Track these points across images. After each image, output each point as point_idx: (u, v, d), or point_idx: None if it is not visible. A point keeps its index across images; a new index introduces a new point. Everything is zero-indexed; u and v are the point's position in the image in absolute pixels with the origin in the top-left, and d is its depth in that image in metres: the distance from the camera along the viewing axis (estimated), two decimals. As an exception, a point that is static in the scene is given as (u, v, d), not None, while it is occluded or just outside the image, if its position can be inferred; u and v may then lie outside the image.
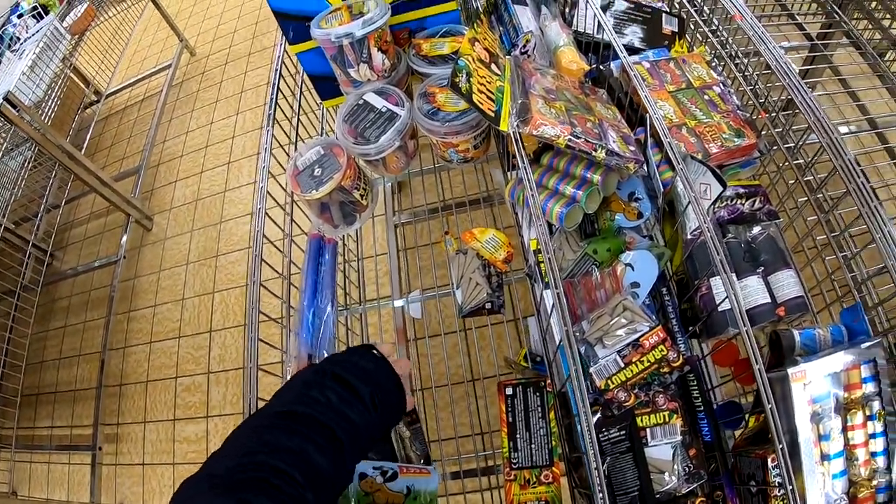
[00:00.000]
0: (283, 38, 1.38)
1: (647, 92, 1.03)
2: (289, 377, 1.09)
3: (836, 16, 1.80)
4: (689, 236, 1.02)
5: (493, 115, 0.94)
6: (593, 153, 0.93)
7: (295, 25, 1.30)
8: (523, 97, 0.97)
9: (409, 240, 2.10)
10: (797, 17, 2.11)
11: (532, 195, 0.89)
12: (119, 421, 2.49)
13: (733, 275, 0.99)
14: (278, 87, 1.42)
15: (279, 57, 1.48)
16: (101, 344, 2.59)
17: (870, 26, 1.85)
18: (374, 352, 0.82)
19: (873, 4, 1.79)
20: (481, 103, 0.93)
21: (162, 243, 2.89)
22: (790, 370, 0.81)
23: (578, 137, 0.92)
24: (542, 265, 0.97)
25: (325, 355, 1.14)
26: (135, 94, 3.75)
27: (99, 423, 2.42)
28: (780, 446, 0.77)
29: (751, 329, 0.83)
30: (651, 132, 1.05)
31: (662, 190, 1.00)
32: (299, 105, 1.46)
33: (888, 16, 1.78)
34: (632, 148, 0.99)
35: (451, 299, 1.39)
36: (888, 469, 0.84)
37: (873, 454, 0.85)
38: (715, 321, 0.99)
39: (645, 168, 1.01)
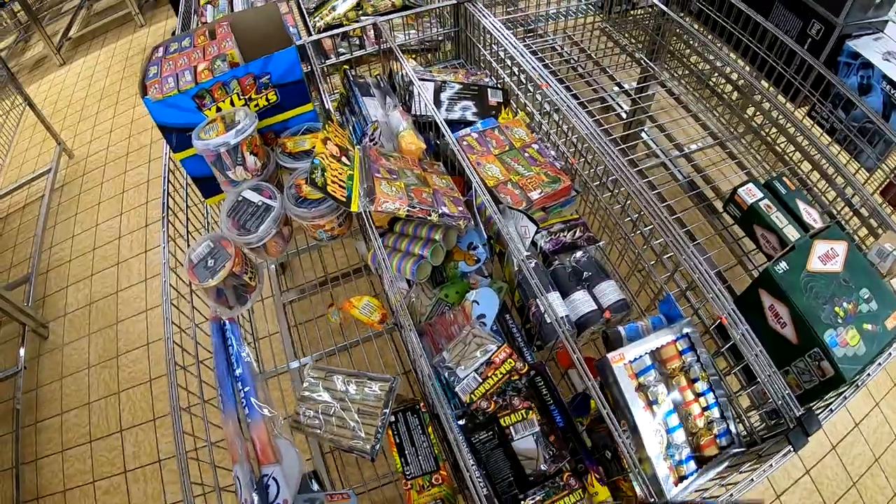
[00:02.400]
0: (168, 146, 1.56)
1: (468, 162, 1.32)
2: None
3: (650, 69, 2.20)
4: (515, 269, 1.29)
5: (345, 200, 1.18)
6: (429, 217, 1.19)
7: (178, 136, 1.47)
8: (369, 181, 1.22)
9: (298, 316, 2.25)
10: (610, 70, 2.50)
11: (383, 259, 1.13)
12: (43, 538, 2.40)
13: (552, 294, 1.28)
14: (168, 193, 1.58)
15: (165, 165, 1.65)
16: (13, 459, 2.51)
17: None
18: None
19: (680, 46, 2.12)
20: (335, 192, 1.17)
21: (61, 350, 2.87)
22: (609, 354, 1.06)
23: (415, 207, 1.18)
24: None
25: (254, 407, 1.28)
26: (15, 200, 3.67)
27: (24, 545, 2.34)
28: (606, 410, 1.02)
29: (566, 331, 1.10)
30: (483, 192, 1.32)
31: (486, 238, 1.28)
32: (186, 206, 1.64)
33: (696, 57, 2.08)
34: (460, 208, 1.26)
35: (338, 358, 1.60)
36: (722, 417, 1.08)
37: (706, 408, 1.08)
38: (547, 332, 1.26)
39: (472, 223, 1.28)
